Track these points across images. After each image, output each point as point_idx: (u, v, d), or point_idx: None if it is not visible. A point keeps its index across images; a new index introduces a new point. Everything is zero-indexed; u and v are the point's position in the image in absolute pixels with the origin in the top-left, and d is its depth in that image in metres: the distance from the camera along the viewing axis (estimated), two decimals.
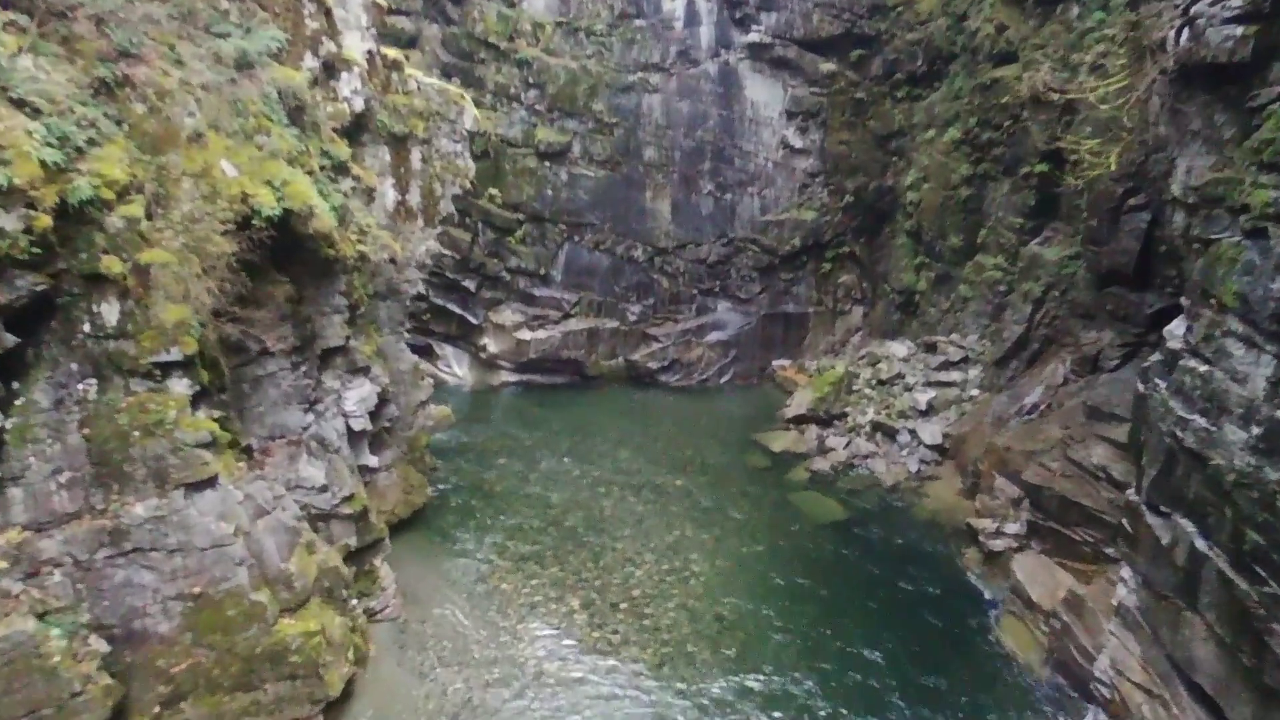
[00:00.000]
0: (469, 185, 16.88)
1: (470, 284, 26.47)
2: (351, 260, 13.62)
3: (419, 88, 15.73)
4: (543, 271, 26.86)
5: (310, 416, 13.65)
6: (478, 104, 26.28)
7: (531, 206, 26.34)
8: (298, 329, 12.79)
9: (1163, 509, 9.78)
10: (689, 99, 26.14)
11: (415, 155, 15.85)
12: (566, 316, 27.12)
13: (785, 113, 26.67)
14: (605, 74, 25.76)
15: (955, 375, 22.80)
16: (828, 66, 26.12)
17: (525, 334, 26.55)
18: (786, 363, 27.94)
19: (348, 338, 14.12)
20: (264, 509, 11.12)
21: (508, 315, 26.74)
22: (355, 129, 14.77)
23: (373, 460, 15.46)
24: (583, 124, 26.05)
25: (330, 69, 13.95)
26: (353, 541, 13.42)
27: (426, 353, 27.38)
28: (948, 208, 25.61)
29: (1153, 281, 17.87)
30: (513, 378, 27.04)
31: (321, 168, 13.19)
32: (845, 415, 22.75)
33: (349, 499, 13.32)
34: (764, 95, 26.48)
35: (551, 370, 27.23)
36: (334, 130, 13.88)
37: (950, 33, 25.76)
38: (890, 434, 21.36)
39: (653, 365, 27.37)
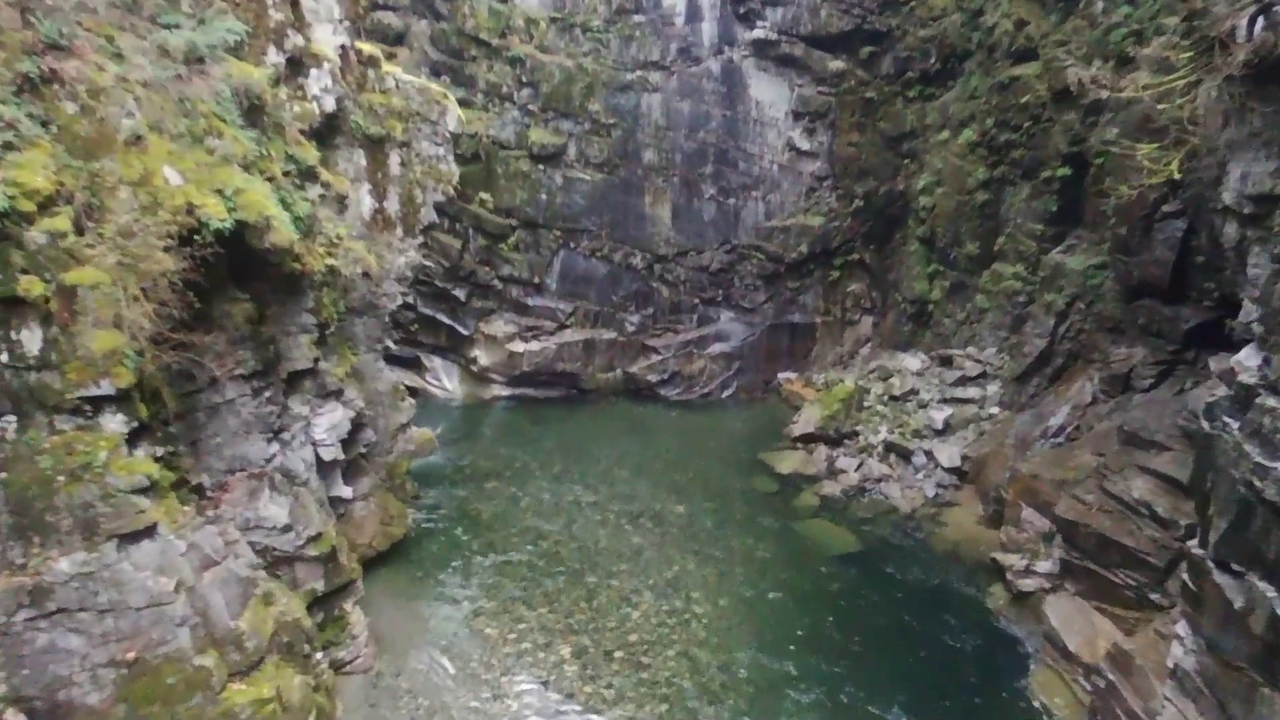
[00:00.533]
0: (453, 191, 15.72)
1: (460, 293, 25.31)
2: (320, 275, 12.47)
3: (397, 86, 14.58)
4: (536, 280, 25.70)
5: (274, 447, 12.49)
6: (467, 104, 25.18)
7: (524, 212, 25.19)
8: (259, 351, 11.63)
9: (1235, 567, 8.61)
10: (690, 99, 25.00)
11: (394, 159, 14.70)
12: (561, 327, 25.96)
13: (791, 113, 25.53)
14: (602, 72, 24.62)
15: (973, 391, 21.62)
16: (836, 64, 24.98)
17: (518, 346, 25.38)
18: (793, 376, 26.77)
19: (317, 359, 12.97)
20: (212, 559, 9.94)
21: (500, 326, 25.57)
22: (326, 131, 13.62)
23: (346, 491, 14.28)
24: (579, 125, 24.91)
25: (297, 65, 12.79)
26: (320, 586, 12.25)
27: (414, 365, 26.27)
28: (963, 213, 24.45)
29: (1188, 295, 16.68)
30: (505, 391, 25.87)
31: (286, 173, 12.04)
32: (856, 434, 21.56)
33: (316, 539, 12.13)
34: (769, 95, 25.34)
35: (546, 383, 26.07)
36: (301, 132, 12.73)
37: (965, 29, 24.63)
38: (905, 455, 20.18)
39: (652, 378, 26.21)
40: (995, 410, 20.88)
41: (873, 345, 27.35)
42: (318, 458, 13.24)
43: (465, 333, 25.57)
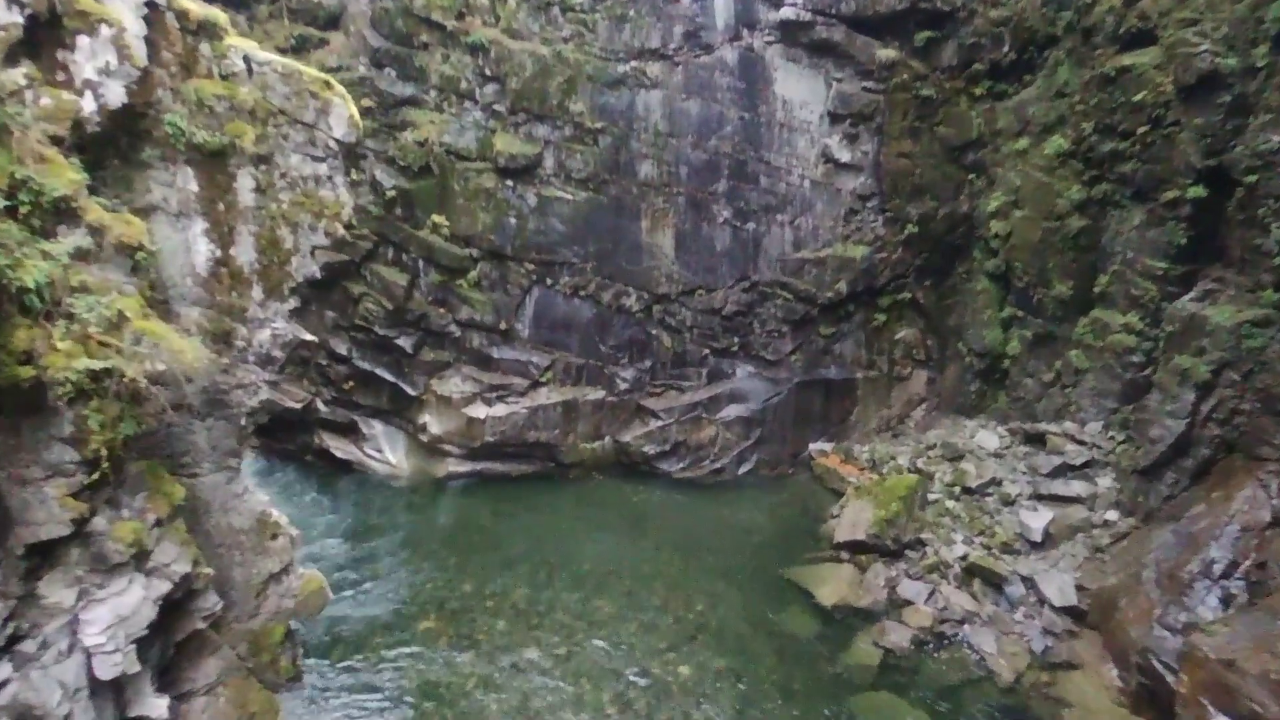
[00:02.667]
0: (344, 225, 10.70)
1: (407, 342, 20.29)
2: (74, 383, 7.48)
3: (250, 70, 9.60)
4: (504, 326, 20.68)
5: (4, 669, 7.55)
6: (417, 103, 20.30)
7: (489, 239, 20.21)
8: None
9: None
10: (699, 97, 20.04)
11: (244, 182, 9.71)
12: (535, 386, 20.91)
13: (828, 115, 20.55)
14: (587, 63, 19.68)
15: (1078, 487, 16.50)
16: (886, 54, 20.01)
17: (479, 410, 20.33)
18: (827, 447, 21.67)
19: (85, 516, 7.98)
20: None
21: (456, 384, 20.53)
22: (116, 139, 8.66)
23: (158, 707, 9.19)
24: (557, 130, 19.95)
25: (52, 30, 7.85)
26: None
27: (349, 432, 21.23)
28: (1050, 244, 19.44)
29: None
30: (462, 467, 20.80)
31: (10, 210, 7.11)
32: (922, 544, 16.44)
33: None
34: (800, 92, 20.37)
35: (515, 456, 21.01)
36: (56, 141, 7.78)
37: (1050, 8, 19.74)
38: (995, 583, 15.04)
39: (650, 450, 21.13)
40: (1113, 516, 15.74)
41: (928, 408, 22.26)
42: (91, 675, 8.22)
43: (412, 393, 20.53)
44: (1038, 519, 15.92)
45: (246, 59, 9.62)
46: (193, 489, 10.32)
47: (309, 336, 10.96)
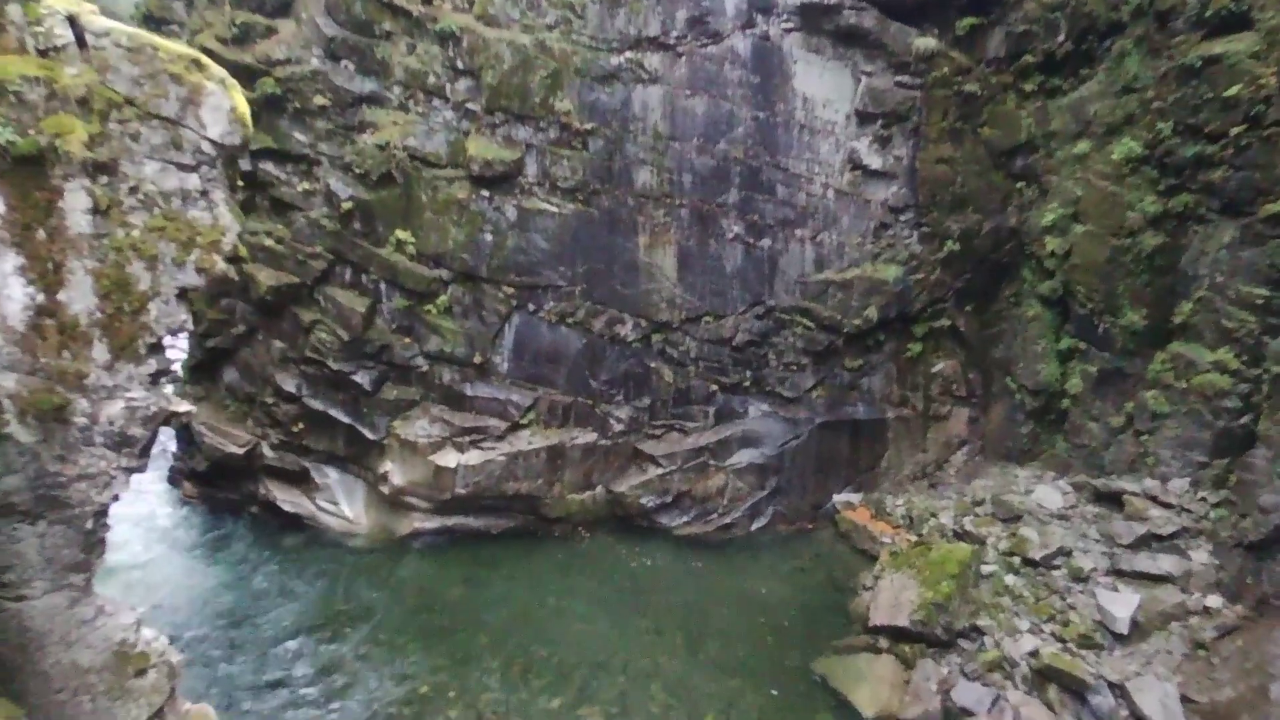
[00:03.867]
0: (227, 258, 7.96)
1: (365, 378, 17.60)
2: None
3: (82, 42, 6.90)
4: (478, 359, 17.97)
5: None
6: (379, 100, 17.65)
7: (461, 259, 17.54)
8: None
9: None
10: (706, 93, 17.37)
11: (75, 201, 7.00)
12: (515, 428, 18.17)
13: (856, 114, 17.87)
14: (575, 54, 17.04)
15: (1168, 563, 13.70)
16: (924, 43, 17.33)
17: (449, 457, 17.60)
18: (855, 498, 18.90)
19: None
20: None
21: (423, 427, 17.81)
22: None
23: None
24: (540, 132, 17.30)
25: None
26: None
27: (300, 481, 18.49)
28: (1119, 264, 16.71)
29: None
30: (430, 523, 18.04)
31: None
32: (979, 632, 13.63)
33: None
34: (823, 88, 17.71)
35: (491, 510, 18.27)
36: None
37: None
38: (1075, 689, 12.22)
39: (648, 502, 18.37)
40: (1215, 603, 12.93)
41: (970, 452, 19.48)
42: None
43: (372, 437, 17.80)
44: (1121, 604, 13.12)
45: (75, 26, 6.91)
46: (19, 618, 7.62)
47: (186, 408, 8.21)
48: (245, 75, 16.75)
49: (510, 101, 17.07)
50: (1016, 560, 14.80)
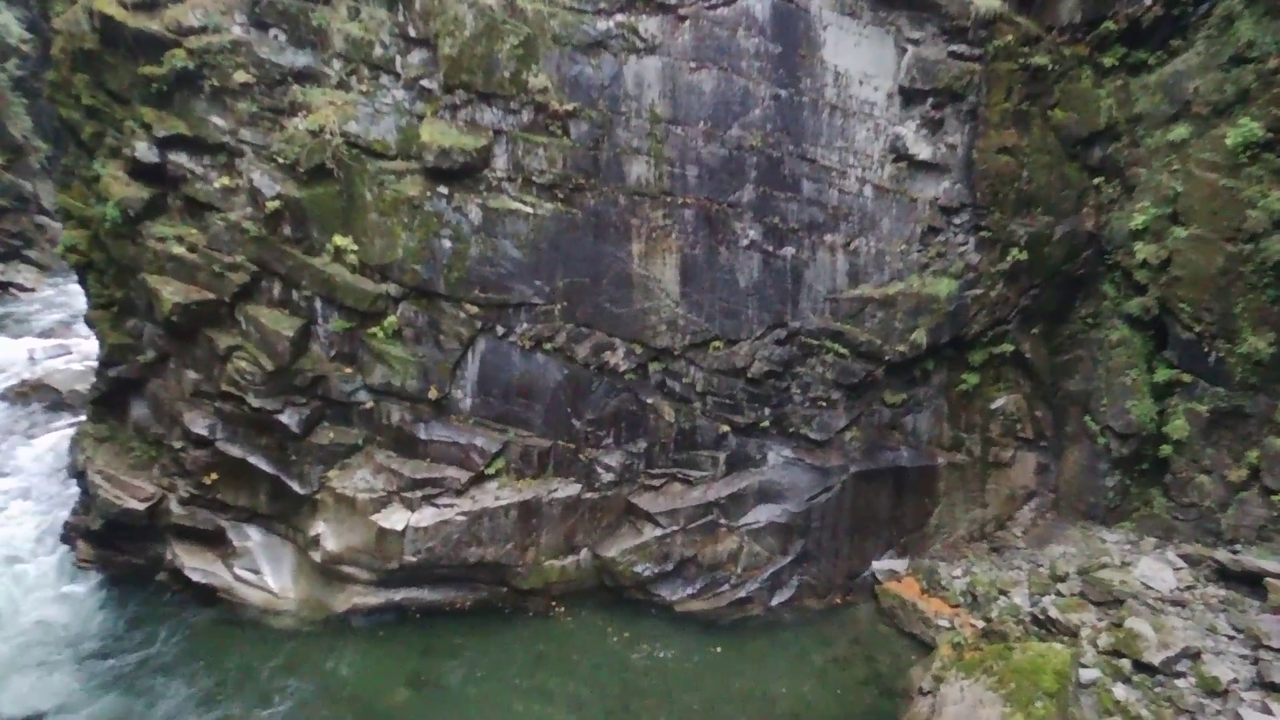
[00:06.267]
0: None
1: (293, 418, 14.36)
2: None
3: None
4: (434, 393, 14.71)
5: None
6: (314, 77, 14.46)
7: (413, 271, 14.36)
8: None
9: None
10: (715, 66, 14.22)
11: None
12: (479, 479, 14.86)
13: (900, 93, 14.69)
14: (553, 18, 13.94)
15: None
16: (985, 5, 14.15)
17: (396, 517, 14.30)
18: (899, 565, 15.49)
19: None
20: None
21: (364, 479, 14.53)
22: None
23: None
24: (511, 114, 14.17)
25: None
26: None
27: (215, 542, 15.19)
28: (1236, 276, 13.44)
29: None
30: (373, 598, 14.69)
31: None
32: None
33: None
34: (859, 60, 14.55)
35: (448, 581, 14.93)
36: None
37: None
38: None
39: (644, 569, 15.00)
40: None
41: (1040, 508, 16.07)
42: None
43: (300, 491, 14.51)
44: None
45: None
46: None
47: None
48: (151, 46, 13.77)
49: (473, 77, 13.93)
50: (1126, 664, 11.36)
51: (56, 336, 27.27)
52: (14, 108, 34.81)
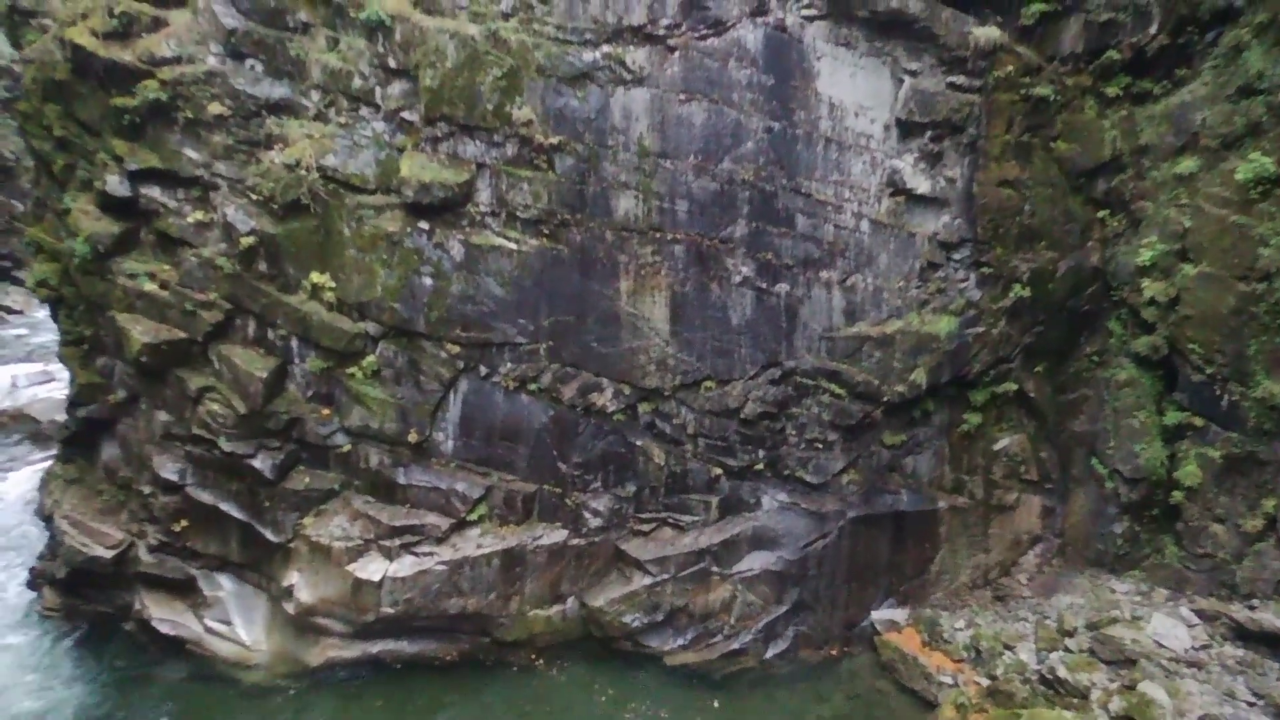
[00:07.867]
0: None
1: (265, 462, 13.83)
2: None
3: None
4: (414, 436, 14.19)
5: None
6: (291, 109, 14.05)
7: (392, 309, 13.87)
8: None
9: None
10: (705, 98, 13.78)
11: None
12: (461, 526, 14.30)
13: (897, 125, 14.24)
14: (538, 49, 13.51)
15: None
16: (985, 35, 13.74)
17: (373, 566, 13.74)
18: (900, 615, 14.89)
19: None
20: None
21: (340, 526, 13.98)
22: None
23: None
24: (494, 148, 13.73)
25: None
26: None
27: (184, 591, 14.59)
28: (1249, 316, 12.94)
29: None
30: (349, 651, 14.10)
31: None
32: None
33: None
34: (855, 91, 14.12)
35: (428, 633, 14.33)
36: None
37: None
38: None
39: (633, 620, 14.40)
40: None
41: (1045, 553, 15.48)
42: None
43: (274, 539, 13.96)
44: None
45: None
46: None
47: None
48: (124, 77, 13.35)
49: (455, 109, 13.50)
50: None
51: (41, 362, 26.74)
52: (4, 128, 34.55)
